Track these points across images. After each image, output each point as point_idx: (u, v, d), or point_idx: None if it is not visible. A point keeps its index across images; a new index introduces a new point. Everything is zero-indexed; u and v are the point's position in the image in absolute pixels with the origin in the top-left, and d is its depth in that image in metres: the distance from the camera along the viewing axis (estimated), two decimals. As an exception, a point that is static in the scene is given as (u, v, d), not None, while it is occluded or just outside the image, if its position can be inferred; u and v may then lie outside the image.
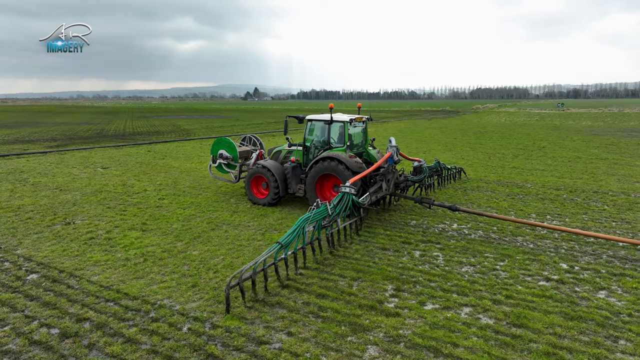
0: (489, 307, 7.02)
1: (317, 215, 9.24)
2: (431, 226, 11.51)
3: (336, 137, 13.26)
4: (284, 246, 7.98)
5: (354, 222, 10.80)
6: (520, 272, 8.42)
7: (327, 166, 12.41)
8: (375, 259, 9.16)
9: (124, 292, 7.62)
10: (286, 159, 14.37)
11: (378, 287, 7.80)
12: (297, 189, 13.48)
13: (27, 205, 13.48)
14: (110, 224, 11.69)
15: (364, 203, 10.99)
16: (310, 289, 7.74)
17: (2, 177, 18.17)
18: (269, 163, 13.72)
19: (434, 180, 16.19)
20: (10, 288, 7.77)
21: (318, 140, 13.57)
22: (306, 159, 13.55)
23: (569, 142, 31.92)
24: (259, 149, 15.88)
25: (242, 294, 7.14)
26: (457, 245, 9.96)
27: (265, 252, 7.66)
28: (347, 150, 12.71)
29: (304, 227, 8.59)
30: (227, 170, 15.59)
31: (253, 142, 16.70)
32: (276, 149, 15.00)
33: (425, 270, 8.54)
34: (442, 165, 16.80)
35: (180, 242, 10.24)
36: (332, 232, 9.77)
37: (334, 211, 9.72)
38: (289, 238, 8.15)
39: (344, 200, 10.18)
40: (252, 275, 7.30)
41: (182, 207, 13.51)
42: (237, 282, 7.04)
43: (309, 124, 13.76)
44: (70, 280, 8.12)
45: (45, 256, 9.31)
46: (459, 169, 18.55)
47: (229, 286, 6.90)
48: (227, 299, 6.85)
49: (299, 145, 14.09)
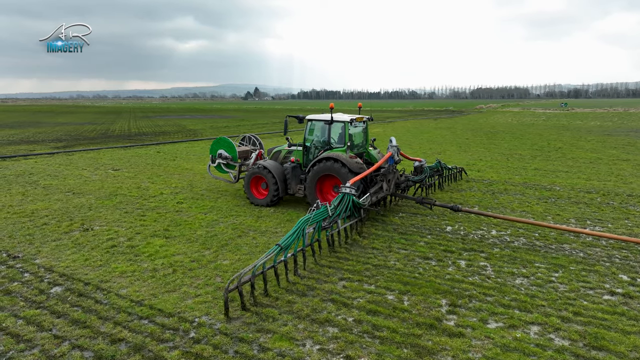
0: (559, 326, 6.44)
1: (318, 217, 9.05)
2: (469, 233, 10.93)
3: (336, 137, 13.04)
4: (284, 248, 7.78)
5: (354, 223, 10.56)
6: (580, 285, 7.84)
7: (327, 167, 12.20)
8: (419, 270, 8.58)
9: (158, 307, 7.03)
10: (286, 159, 14.13)
11: (431, 302, 7.22)
12: (296, 190, 13.28)
13: (40, 210, 12.89)
14: (130, 230, 11.11)
15: (365, 204, 10.78)
16: (358, 304, 7.16)
17: (12, 179, 17.57)
18: (269, 163, 13.50)
19: (435, 180, 15.91)
20: (34, 303, 7.18)
21: (318, 141, 13.35)
22: (306, 159, 13.32)
23: (583, 143, 31.35)
24: (258, 149, 15.69)
25: (240, 298, 6.89)
26: (502, 254, 9.38)
27: (264, 254, 7.52)
28: (348, 151, 12.50)
29: (304, 228, 8.40)
30: (226, 170, 15.40)
31: (252, 142, 16.49)
32: (276, 149, 14.75)
33: (476, 283, 7.96)
34: (443, 165, 16.58)
35: (208, 251, 9.65)
36: (332, 233, 9.61)
37: (335, 212, 9.52)
38: (289, 240, 7.95)
39: (345, 201, 10.00)
40: (251, 278, 7.11)
41: (202, 211, 12.93)
42: (236, 285, 6.85)
43: (309, 124, 13.50)
44: (97, 294, 7.54)
45: (67, 266, 8.72)
46: (460, 168, 18.31)
47: (227, 290, 6.69)
48: (226, 302, 6.66)
49: (298, 145, 13.82)
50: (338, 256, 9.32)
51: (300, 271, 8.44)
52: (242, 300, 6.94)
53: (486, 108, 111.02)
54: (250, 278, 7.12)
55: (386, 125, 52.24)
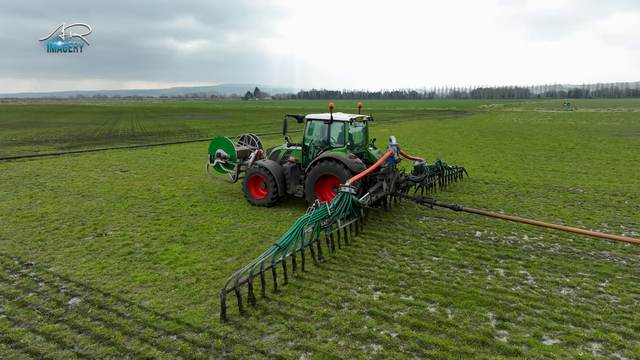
0: (622, 344, 5.96)
1: (317, 216, 8.89)
2: (500, 238, 10.45)
3: (336, 137, 12.82)
4: (282, 248, 7.65)
5: (354, 222, 10.45)
6: (632, 296, 7.37)
7: (327, 167, 12.01)
8: (456, 279, 8.11)
9: (185, 322, 6.56)
10: (285, 158, 13.90)
11: (477, 316, 6.75)
12: (296, 190, 13.08)
13: (50, 214, 12.41)
14: (146, 235, 10.64)
15: (364, 203, 10.62)
16: (399, 318, 6.69)
17: (18, 181, 17.09)
18: (268, 163, 13.29)
19: (435, 180, 15.80)
20: (52, 317, 6.70)
21: (318, 140, 13.12)
22: (305, 159, 13.11)
23: (595, 143, 30.88)
24: (257, 149, 15.43)
25: (238, 299, 6.73)
26: (541, 262, 8.91)
27: (262, 254, 7.40)
28: (348, 151, 12.29)
29: (303, 227, 8.27)
30: (225, 170, 15.19)
31: (251, 142, 16.24)
32: (275, 149, 14.50)
33: (521, 294, 7.49)
34: (444, 164, 16.44)
35: (230, 258, 9.18)
36: (331, 232, 9.47)
37: (334, 211, 9.39)
38: (287, 240, 7.81)
39: (344, 201, 9.86)
40: (249, 278, 7.00)
41: (218, 215, 12.45)
42: (234, 286, 6.71)
43: (309, 124, 13.26)
44: (118, 306, 7.06)
45: (84, 275, 8.25)
46: (461, 168, 18.15)
47: (224, 290, 6.51)
48: (223, 303, 6.51)
49: (298, 145, 13.60)
50: (368, 263, 8.85)
51: (333, 281, 7.99)
52: (240, 302, 6.76)
53: (489, 108, 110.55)
54: (248, 278, 6.99)
55: (392, 125, 51.75)
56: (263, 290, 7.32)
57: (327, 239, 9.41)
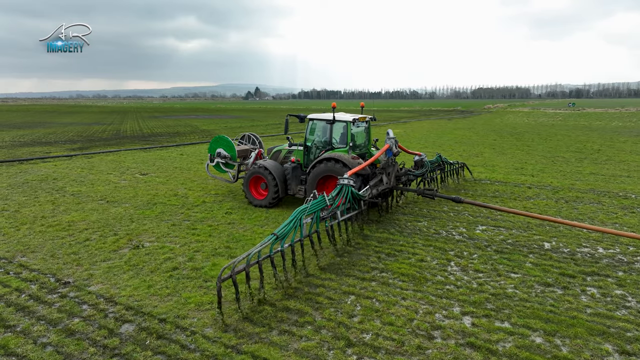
0: None
1: (315, 206, 8.77)
2: (574, 250, 9.59)
3: (338, 137, 12.64)
4: (280, 238, 7.59)
5: (354, 215, 10.31)
6: None
7: (328, 167, 11.83)
8: (549, 300, 7.25)
9: (263, 356, 5.69)
10: (286, 159, 13.67)
11: (595, 349, 5.88)
12: (297, 191, 12.90)
13: (77, 222, 11.53)
14: (186, 247, 9.76)
15: (365, 196, 10.54)
16: (506, 350, 5.82)
17: (36, 185, 16.20)
18: (268, 163, 13.05)
19: (437, 175, 15.85)
20: (107, 349, 5.82)
21: (319, 140, 12.92)
22: (307, 159, 12.89)
23: (620, 144, 30.07)
24: (257, 148, 15.02)
25: (235, 288, 6.58)
26: (635, 280, 8.05)
27: (259, 243, 7.30)
28: (350, 151, 12.10)
29: (301, 218, 8.18)
30: (225, 169, 14.83)
31: (252, 141, 15.78)
32: (276, 149, 14.17)
33: (632, 320, 6.63)
34: (444, 159, 16.55)
35: (288, 273, 8.30)
36: (331, 224, 9.42)
37: (333, 203, 9.34)
38: (285, 229, 7.73)
39: (343, 192, 9.78)
40: (245, 267, 6.89)
41: (258, 224, 11.58)
42: (230, 274, 6.56)
43: (311, 123, 13.03)
44: (179, 335, 6.19)
45: (130, 295, 7.38)
46: (462, 164, 18.10)
47: (220, 279, 6.36)
48: (219, 292, 6.38)
49: (299, 145, 13.36)
50: (442, 281, 7.99)
51: (411, 302, 7.12)
52: (237, 291, 6.61)
53: (494, 108, 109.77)
54: (245, 267, 6.88)
55: (404, 125, 50.88)
56: (261, 282, 7.17)
57: (327, 232, 9.29)
